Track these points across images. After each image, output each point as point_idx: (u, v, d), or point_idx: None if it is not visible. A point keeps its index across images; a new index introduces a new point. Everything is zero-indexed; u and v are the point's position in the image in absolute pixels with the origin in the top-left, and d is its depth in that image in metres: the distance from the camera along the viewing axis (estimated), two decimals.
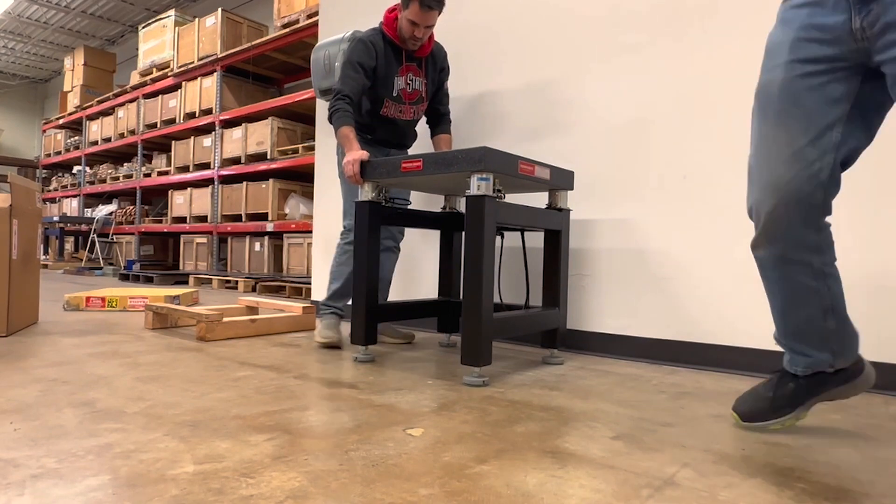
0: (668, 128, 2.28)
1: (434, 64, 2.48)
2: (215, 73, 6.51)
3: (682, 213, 2.24)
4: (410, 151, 2.73)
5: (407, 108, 2.44)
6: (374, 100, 2.39)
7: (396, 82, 2.38)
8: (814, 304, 1.32)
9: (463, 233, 2.54)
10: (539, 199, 2.62)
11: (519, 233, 2.58)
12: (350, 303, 2.45)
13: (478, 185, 1.78)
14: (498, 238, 2.72)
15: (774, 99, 1.28)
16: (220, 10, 6.45)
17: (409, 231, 3.10)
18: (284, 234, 5.65)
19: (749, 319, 2.09)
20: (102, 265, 7.72)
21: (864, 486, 1.08)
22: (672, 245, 2.26)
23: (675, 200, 2.26)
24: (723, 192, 2.15)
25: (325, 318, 2.47)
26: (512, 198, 2.69)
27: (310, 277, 4.92)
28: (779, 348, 2.01)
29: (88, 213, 8.97)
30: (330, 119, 2.26)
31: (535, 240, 2.64)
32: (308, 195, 5.97)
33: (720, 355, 2.14)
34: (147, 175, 7.78)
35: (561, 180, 2.15)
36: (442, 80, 2.53)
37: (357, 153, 2.13)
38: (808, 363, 1.37)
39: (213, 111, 6.55)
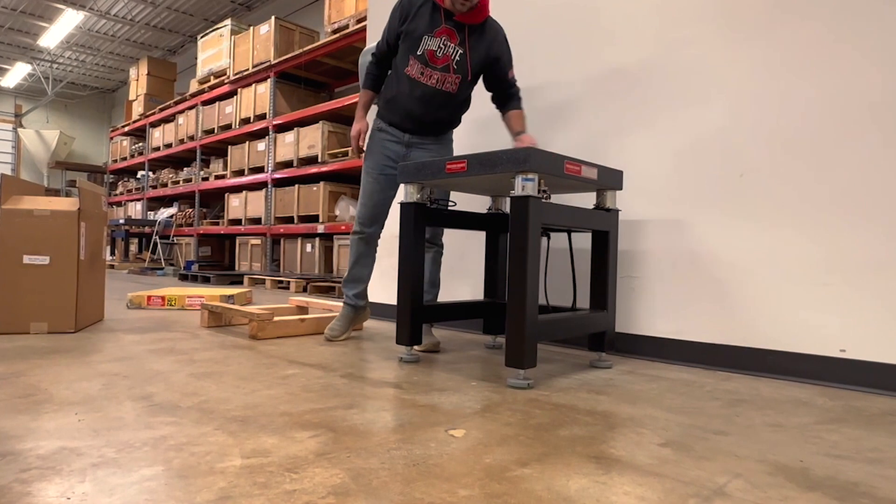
0: (724, 124, 2.20)
1: (481, 40, 2.31)
2: (269, 80, 6.72)
3: (739, 212, 2.15)
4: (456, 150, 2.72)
5: (430, 72, 2.29)
6: (403, 56, 2.34)
7: (426, 41, 2.27)
8: None
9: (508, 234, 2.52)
10: (588, 199, 2.58)
11: (566, 233, 2.54)
12: (355, 291, 2.58)
13: (522, 185, 1.76)
14: (544, 239, 2.69)
15: None
16: (273, 17, 6.65)
17: (455, 232, 3.11)
18: (335, 236, 5.76)
19: (811, 324, 1.98)
20: (164, 265, 8.08)
21: None
22: (728, 246, 2.18)
23: (731, 199, 2.17)
24: (784, 189, 2.06)
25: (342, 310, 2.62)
26: (559, 198, 2.65)
27: None
28: (844, 356, 1.90)
29: (151, 215, 9.41)
30: None
31: (584, 240, 2.60)
32: (357, 197, 6.07)
33: (779, 361, 2.04)
34: (205, 179, 8.09)
35: (609, 180, 2.11)
36: (500, 69, 2.37)
37: (356, 126, 2.48)
38: None
39: (267, 116, 6.75)
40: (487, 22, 2.34)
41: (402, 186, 2.21)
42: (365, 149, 2.53)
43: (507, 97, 2.44)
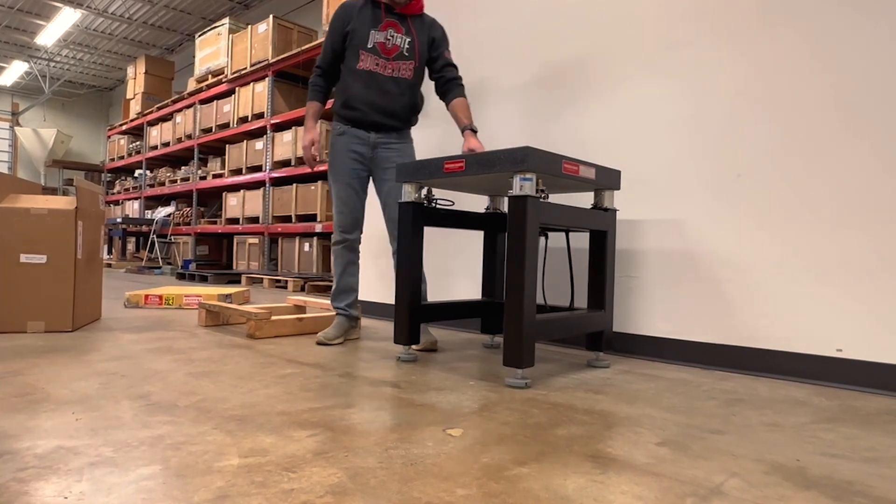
0: (722, 124, 2.20)
1: (422, 26, 2.46)
2: (267, 79, 6.71)
3: (737, 212, 2.16)
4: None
5: (384, 62, 2.40)
6: (352, 56, 2.41)
7: (373, 35, 2.38)
8: None
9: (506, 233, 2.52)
10: (585, 199, 2.58)
11: (564, 233, 2.54)
12: (347, 301, 2.55)
13: (520, 185, 1.77)
14: (542, 238, 2.69)
15: None
16: (271, 16, 6.64)
17: (453, 231, 3.11)
18: (332, 235, 5.75)
19: (809, 324, 1.99)
20: (161, 264, 8.06)
21: None
22: (726, 246, 2.18)
23: (728, 199, 2.18)
24: (781, 190, 2.06)
25: (336, 319, 2.59)
26: (557, 197, 2.65)
27: None
28: (841, 355, 1.91)
29: (149, 214, 9.39)
30: None
31: (582, 240, 2.60)
32: None
33: (777, 361, 2.05)
34: (203, 178, 8.08)
35: (607, 180, 2.11)
36: (435, 48, 2.48)
37: (307, 136, 2.48)
38: None
39: (265, 115, 6.74)
40: (424, 14, 2.50)
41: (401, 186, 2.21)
42: (328, 157, 2.54)
43: (448, 81, 2.49)
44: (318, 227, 5.86)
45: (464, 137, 2.37)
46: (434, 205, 2.23)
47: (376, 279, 3.50)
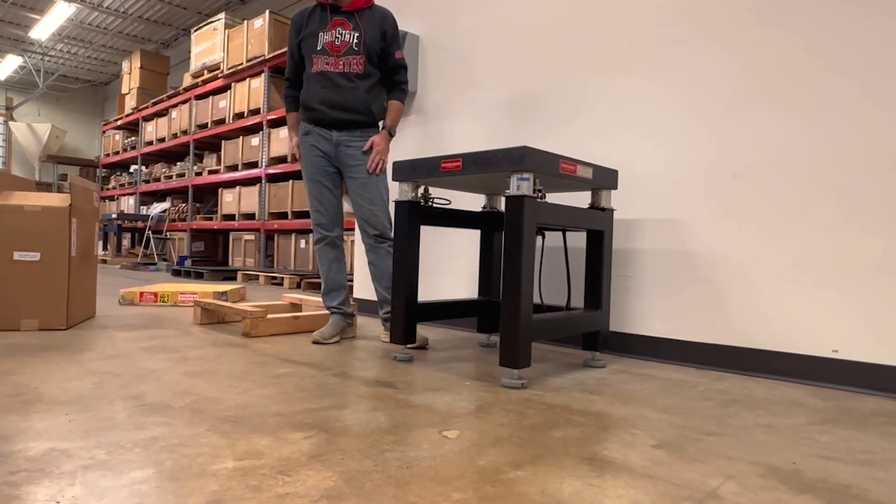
0: (718, 124, 2.20)
1: (371, 20, 2.44)
2: (263, 74, 6.67)
3: (733, 212, 2.16)
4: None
5: (335, 60, 2.42)
6: (307, 61, 2.47)
7: (322, 37, 2.43)
8: None
9: (503, 232, 2.51)
10: (583, 198, 2.57)
11: (561, 232, 2.54)
12: (339, 300, 2.54)
13: (517, 184, 1.76)
14: (539, 237, 2.69)
15: None
16: (267, 11, 6.60)
17: (449, 229, 3.10)
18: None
19: (804, 324, 1.99)
20: (157, 261, 8.03)
21: None
22: (722, 246, 2.18)
23: (725, 200, 2.18)
24: (777, 190, 2.06)
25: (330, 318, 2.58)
26: (554, 197, 2.65)
27: (352, 274, 4.99)
28: (836, 356, 1.91)
29: (144, 210, 9.34)
30: None
31: (579, 239, 2.60)
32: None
33: (772, 362, 2.05)
34: (198, 174, 8.04)
35: (604, 179, 2.11)
36: (386, 44, 2.45)
37: (293, 142, 2.60)
38: None
39: (261, 111, 6.70)
40: (374, 7, 2.48)
41: (397, 184, 2.20)
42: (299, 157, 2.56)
43: (392, 83, 2.51)
44: None
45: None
46: (431, 203, 2.22)
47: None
